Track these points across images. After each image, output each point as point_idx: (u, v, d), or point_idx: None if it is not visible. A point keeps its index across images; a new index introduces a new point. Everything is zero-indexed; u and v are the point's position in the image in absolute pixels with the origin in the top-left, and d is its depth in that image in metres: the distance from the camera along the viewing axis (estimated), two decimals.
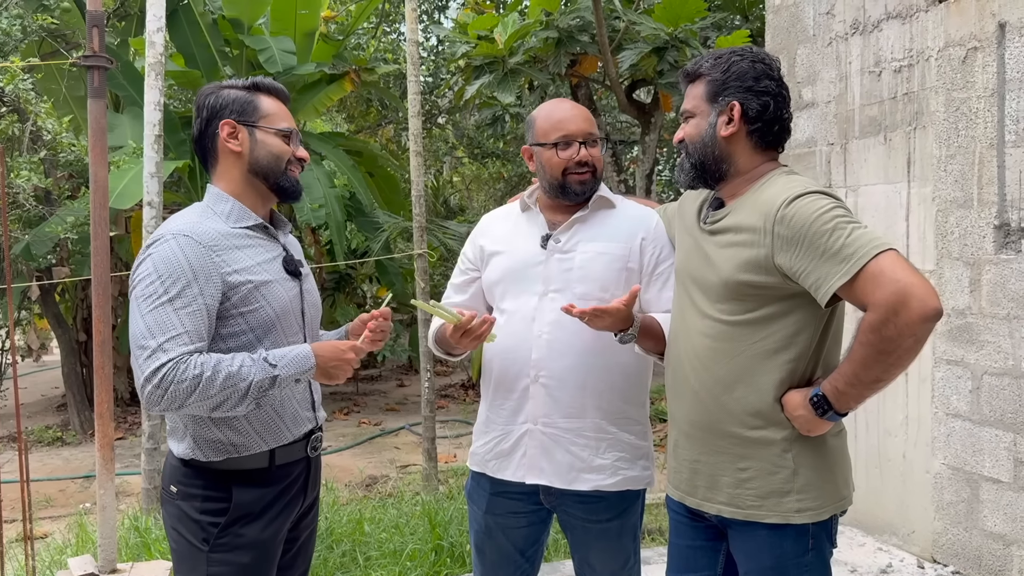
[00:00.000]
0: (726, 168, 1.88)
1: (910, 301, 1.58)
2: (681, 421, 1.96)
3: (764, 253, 1.76)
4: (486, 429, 2.25)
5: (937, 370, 3.63)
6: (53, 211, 7.04)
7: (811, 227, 1.68)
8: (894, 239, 3.78)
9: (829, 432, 1.84)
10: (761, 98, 1.84)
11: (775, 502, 1.82)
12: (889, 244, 1.65)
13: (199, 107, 1.91)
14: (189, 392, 1.70)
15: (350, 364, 1.89)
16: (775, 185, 1.81)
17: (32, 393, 9.67)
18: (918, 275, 1.62)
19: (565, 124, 2.15)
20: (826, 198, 1.73)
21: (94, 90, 3.09)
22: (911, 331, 1.60)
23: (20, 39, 6.62)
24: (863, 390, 1.72)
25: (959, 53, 3.48)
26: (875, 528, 3.99)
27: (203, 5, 7.98)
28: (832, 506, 1.85)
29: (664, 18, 5.76)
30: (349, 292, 9.59)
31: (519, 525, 2.25)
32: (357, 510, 4.35)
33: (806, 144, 4.31)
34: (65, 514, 5.32)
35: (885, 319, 1.61)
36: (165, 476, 1.94)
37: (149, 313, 1.72)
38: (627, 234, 2.17)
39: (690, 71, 1.94)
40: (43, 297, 8.08)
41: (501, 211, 2.38)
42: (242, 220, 1.89)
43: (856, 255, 1.64)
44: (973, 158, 3.44)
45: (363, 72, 8.75)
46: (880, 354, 1.64)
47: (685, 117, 1.95)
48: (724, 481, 1.87)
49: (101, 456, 3.01)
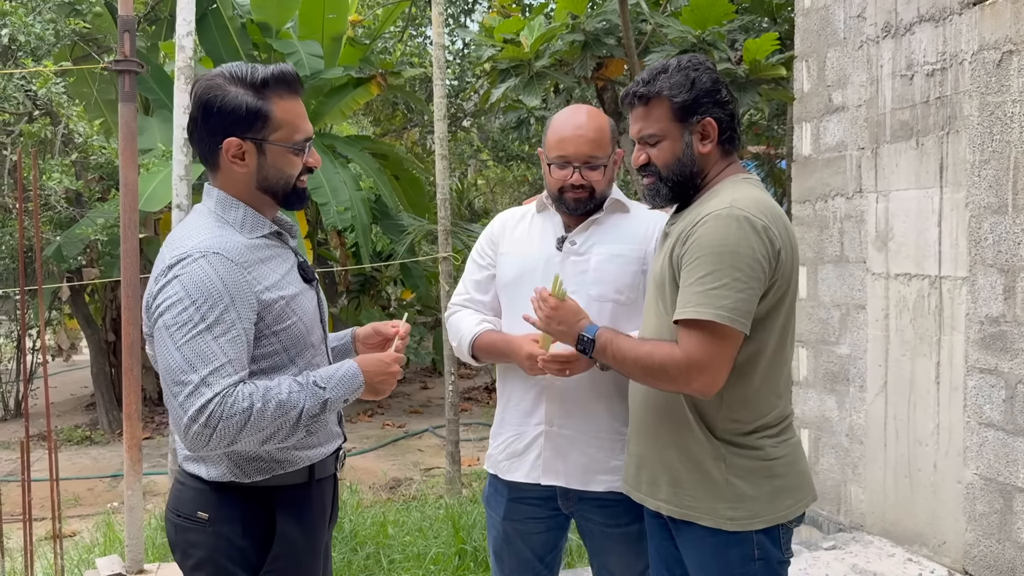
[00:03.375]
0: (700, 181, 1.88)
1: (701, 376, 1.72)
2: (632, 416, 1.99)
3: (679, 251, 1.79)
4: (500, 430, 2.26)
5: (970, 378, 3.56)
6: (83, 213, 7.13)
7: (705, 250, 1.72)
8: (926, 245, 3.73)
9: (768, 443, 1.84)
10: (726, 108, 1.85)
11: (709, 507, 1.82)
12: (732, 319, 1.70)
13: (199, 102, 1.67)
14: (240, 427, 1.54)
15: (395, 377, 1.79)
16: (723, 192, 1.83)
17: (61, 393, 9.80)
18: (724, 362, 1.74)
19: (565, 146, 2.13)
20: (741, 226, 1.72)
21: (125, 94, 3.12)
22: (676, 387, 1.77)
23: (53, 43, 6.71)
24: (618, 366, 1.86)
25: (994, 56, 3.42)
26: (905, 539, 3.92)
27: (232, 9, 8.06)
28: (772, 516, 1.82)
29: (691, 21, 5.71)
30: (374, 294, 9.64)
31: (538, 531, 2.24)
32: (381, 513, 4.37)
33: (836, 148, 4.26)
34: (93, 513, 5.38)
35: (678, 368, 1.73)
36: (185, 503, 1.74)
37: (186, 344, 1.55)
38: (642, 237, 2.18)
39: (645, 93, 1.85)
40: (73, 298, 8.19)
41: (518, 211, 2.37)
42: (257, 229, 1.72)
43: (708, 308, 1.70)
44: (1008, 163, 3.38)
45: (389, 76, 8.79)
46: (649, 375, 1.80)
47: (650, 142, 1.87)
48: (664, 479, 1.87)
49: (129, 457, 3.04)
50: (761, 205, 1.77)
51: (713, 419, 1.82)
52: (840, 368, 4.19)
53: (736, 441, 1.83)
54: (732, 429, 1.83)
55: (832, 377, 4.24)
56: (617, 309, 2.13)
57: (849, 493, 4.17)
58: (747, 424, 1.83)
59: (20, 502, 3.26)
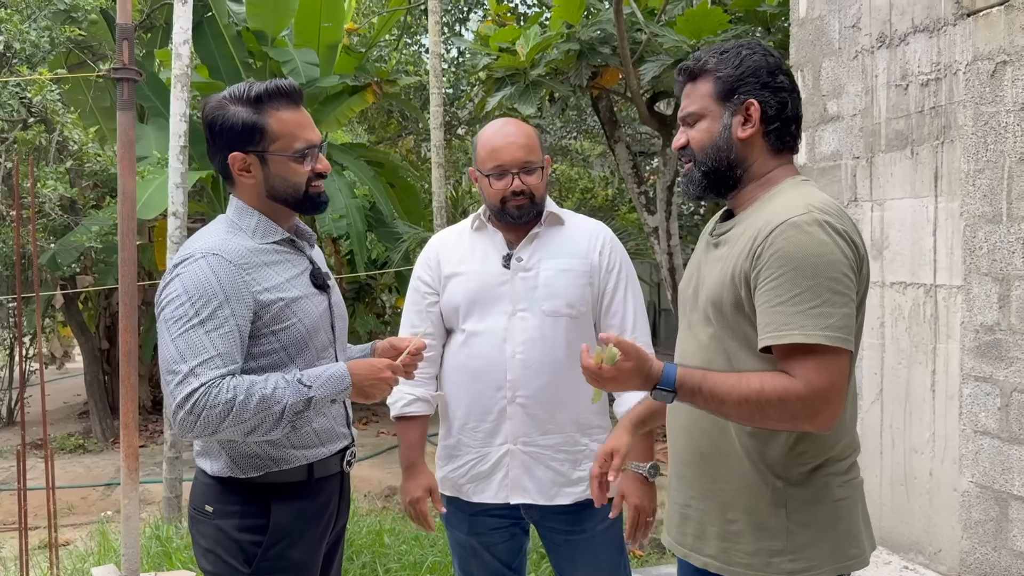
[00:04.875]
0: (740, 173, 1.67)
1: (826, 407, 1.49)
2: (674, 460, 1.77)
3: (746, 266, 1.57)
4: (456, 453, 2.23)
5: (965, 386, 3.58)
6: (78, 220, 7.12)
7: (794, 263, 1.50)
8: (921, 254, 3.75)
9: (834, 482, 1.63)
10: (779, 95, 1.65)
11: (764, 561, 1.60)
12: (843, 339, 1.50)
13: (206, 123, 1.82)
14: (222, 417, 1.64)
15: (387, 383, 1.83)
16: (787, 195, 1.61)
17: (55, 400, 9.76)
18: (844, 388, 1.53)
19: (499, 154, 2.15)
20: (828, 234, 1.52)
21: (123, 102, 3.12)
22: (795, 424, 1.51)
23: (48, 50, 6.71)
24: (713, 407, 1.56)
25: (988, 67, 3.45)
26: (901, 547, 3.93)
27: (227, 17, 8.06)
28: (832, 567, 1.61)
29: (686, 30, 5.75)
30: (369, 302, 9.62)
31: (503, 540, 2.27)
32: (377, 521, 4.35)
33: (831, 158, 4.28)
34: (87, 522, 5.35)
35: (800, 401, 1.48)
36: (196, 496, 1.88)
37: (180, 336, 1.67)
38: (585, 251, 2.21)
39: (692, 68, 1.69)
40: (67, 305, 8.16)
41: (452, 232, 2.37)
42: (269, 235, 1.84)
43: (817, 330, 1.48)
44: (1002, 172, 3.40)
45: (385, 84, 8.81)
46: (758, 413, 1.51)
47: (689, 121, 1.71)
48: (712, 531, 1.66)
49: (126, 466, 3.03)
50: (837, 209, 1.58)
51: (774, 455, 1.60)
52: None
53: (798, 481, 1.61)
54: (795, 465, 1.61)
55: None
56: (570, 323, 2.15)
57: None
58: (813, 459, 1.61)
59: (14, 511, 3.25)
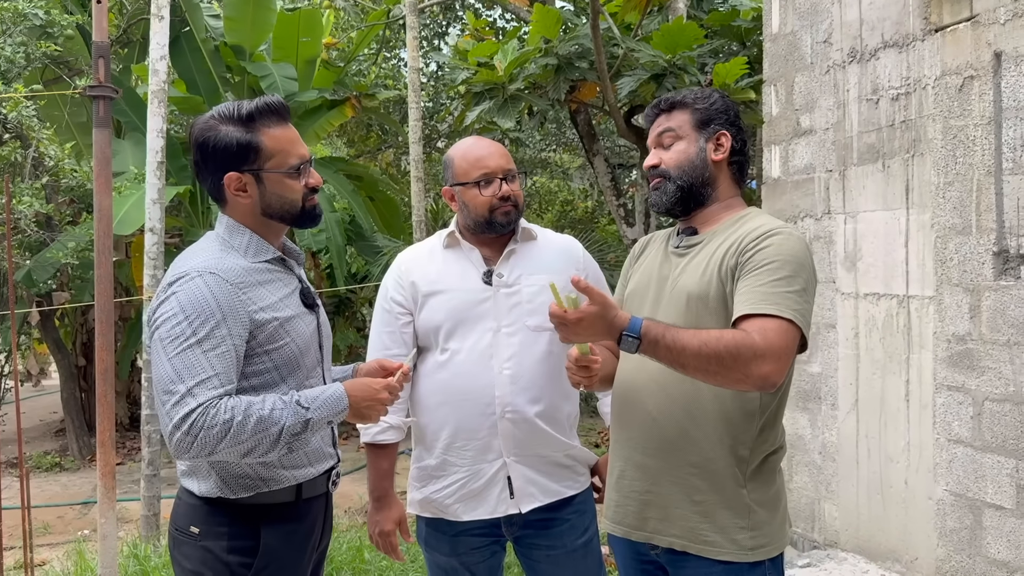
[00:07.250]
0: (709, 192, 1.90)
1: (773, 363, 1.63)
2: (632, 450, 1.88)
3: (731, 263, 1.79)
4: (440, 473, 2.20)
5: (938, 396, 3.63)
6: (54, 237, 7.06)
7: (782, 257, 1.74)
8: (893, 265, 3.80)
9: (777, 468, 1.84)
10: (741, 134, 1.93)
11: (730, 538, 1.77)
12: (804, 325, 1.71)
13: (196, 144, 1.80)
14: (220, 438, 1.61)
15: (384, 404, 1.82)
16: (761, 217, 1.87)
17: (31, 418, 9.64)
18: (790, 360, 1.70)
19: (485, 161, 2.17)
20: (806, 247, 1.80)
21: (99, 119, 3.11)
22: (744, 373, 1.63)
23: (24, 66, 6.67)
24: (675, 355, 1.66)
25: (956, 81, 3.52)
26: (878, 555, 3.97)
27: (205, 31, 8.05)
28: (780, 543, 1.83)
29: (662, 45, 5.81)
30: (349, 316, 9.60)
31: (483, 559, 2.27)
32: (357, 537, 4.33)
33: (804, 171, 4.34)
34: (63, 541, 5.29)
35: (753, 350, 1.63)
36: (180, 517, 1.83)
37: (176, 356, 1.64)
38: (563, 264, 2.23)
39: (672, 100, 1.95)
40: (43, 322, 8.07)
41: (422, 249, 2.32)
42: (260, 254, 1.82)
43: (786, 308, 1.68)
44: (971, 185, 3.46)
45: (364, 98, 8.83)
46: (714, 359, 1.63)
47: (664, 143, 1.93)
48: (678, 513, 1.81)
49: (103, 484, 3.00)
50: None
51: (745, 439, 1.79)
52: (812, 387, 4.25)
53: (758, 464, 1.81)
54: (759, 451, 1.81)
55: (804, 396, 4.29)
56: (553, 337, 2.14)
57: (823, 511, 4.21)
58: (771, 445, 1.83)
59: None
